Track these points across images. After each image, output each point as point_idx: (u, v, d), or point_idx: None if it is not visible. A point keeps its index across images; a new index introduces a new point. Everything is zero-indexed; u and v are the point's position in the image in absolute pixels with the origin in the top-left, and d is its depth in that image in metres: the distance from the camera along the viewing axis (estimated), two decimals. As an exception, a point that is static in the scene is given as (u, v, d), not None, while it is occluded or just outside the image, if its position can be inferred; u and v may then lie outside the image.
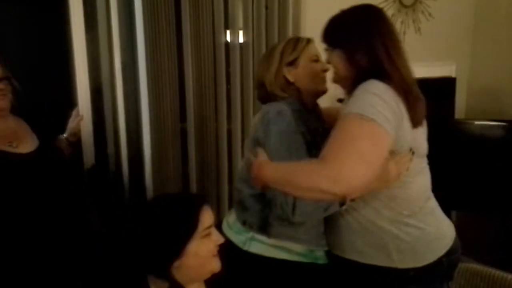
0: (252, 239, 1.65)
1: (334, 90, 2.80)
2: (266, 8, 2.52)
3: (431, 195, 1.56)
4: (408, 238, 1.45)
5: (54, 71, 2.18)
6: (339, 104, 1.97)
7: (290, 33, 2.58)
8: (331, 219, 1.57)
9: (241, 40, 2.49)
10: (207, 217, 1.30)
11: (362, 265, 1.50)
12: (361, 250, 1.50)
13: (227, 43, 2.44)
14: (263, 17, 2.50)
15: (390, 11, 2.91)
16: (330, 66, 1.69)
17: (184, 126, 2.36)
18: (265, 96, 1.76)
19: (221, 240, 1.33)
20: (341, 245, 1.56)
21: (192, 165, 2.39)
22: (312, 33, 2.65)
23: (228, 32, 2.43)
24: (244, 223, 1.68)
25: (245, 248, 1.65)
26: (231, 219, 1.74)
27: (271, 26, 2.53)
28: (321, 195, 1.29)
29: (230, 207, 2.48)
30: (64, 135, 2.06)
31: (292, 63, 1.73)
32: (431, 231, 1.49)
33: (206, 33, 2.29)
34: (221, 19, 2.35)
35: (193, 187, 2.42)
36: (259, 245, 1.64)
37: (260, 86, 1.77)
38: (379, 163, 1.29)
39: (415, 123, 1.40)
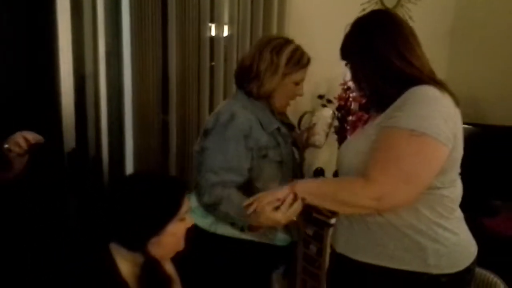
0: (218, 221, 1.74)
1: (315, 88, 2.88)
2: (252, 1, 2.55)
3: None
4: (446, 243, 1.39)
5: (37, 56, 2.16)
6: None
7: (274, 27, 2.62)
8: (352, 221, 1.50)
9: (225, 33, 2.51)
10: (186, 202, 1.40)
11: (389, 270, 1.42)
12: (392, 255, 1.41)
13: (211, 37, 2.45)
14: (249, 10, 2.52)
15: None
16: (302, 94, 1.86)
17: (166, 118, 2.37)
18: (245, 78, 1.80)
19: (192, 223, 1.44)
20: (365, 249, 1.46)
21: (172, 157, 2.41)
22: (296, 27, 2.71)
23: (213, 25, 2.44)
24: (206, 207, 1.73)
25: (212, 230, 1.75)
26: (192, 204, 1.74)
27: (256, 20, 2.56)
28: (363, 210, 1.38)
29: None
30: (6, 145, 1.62)
31: (284, 75, 1.78)
32: (464, 237, 1.46)
33: (192, 26, 2.31)
34: (207, 12, 2.36)
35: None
36: (225, 227, 1.73)
37: (248, 69, 1.79)
38: (427, 179, 1.32)
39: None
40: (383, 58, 1.41)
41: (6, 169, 1.63)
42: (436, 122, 1.29)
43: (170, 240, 1.37)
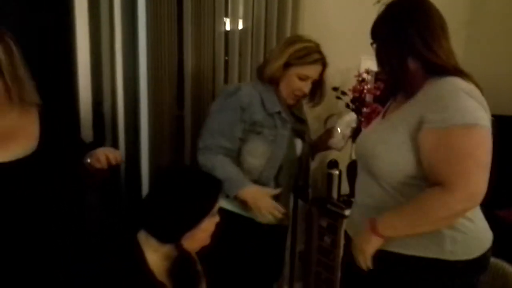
0: None
1: (330, 80, 2.88)
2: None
3: None
4: (463, 229, 1.41)
5: (55, 53, 2.20)
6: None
7: (289, 20, 2.61)
8: (369, 211, 1.52)
9: (240, 28, 2.51)
10: (219, 200, 1.47)
11: (405, 257, 1.44)
12: (409, 242, 1.43)
13: (226, 31, 2.45)
14: (263, 4, 2.52)
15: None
16: (307, 90, 1.95)
17: (181, 114, 2.40)
18: (260, 70, 2.02)
19: (218, 219, 1.49)
20: None
21: (187, 152, 2.43)
22: (310, 20, 2.71)
23: (228, 20, 2.44)
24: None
25: None
26: None
27: (270, 14, 2.55)
28: (458, 217, 1.37)
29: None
30: (87, 160, 1.61)
31: (286, 66, 1.92)
32: (480, 224, 1.48)
33: (207, 21, 2.32)
34: (221, 7, 2.37)
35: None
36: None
37: (265, 62, 2.02)
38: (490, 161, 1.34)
39: None
40: (409, 46, 1.44)
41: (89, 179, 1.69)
42: (481, 113, 1.34)
43: (202, 235, 1.43)
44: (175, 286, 1.43)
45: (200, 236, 1.43)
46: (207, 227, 1.44)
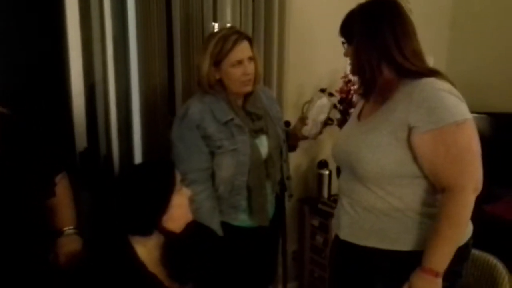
0: None
1: (317, 82, 2.94)
2: (253, 0, 2.60)
3: None
4: None
5: (49, 61, 2.23)
6: (321, 95, 2.07)
7: (276, 23, 2.66)
8: (357, 211, 1.56)
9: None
10: (177, 175, 1.49)
11: (391, 253, 1.49)
12: (395, 238, 1.48)
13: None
14: (250, 8, 2.56)
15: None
16: (252, 69, 1.86)
17: (173, 119, 2.41)
18: (198, 82, 1.96)
19: (189, 192, 1.52)
20: (369, 235, 1.53)
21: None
22: (297, 23, 2.76)
23: (216, 25, 2.48)
24: None
25: None
26: None
27: (258, 17, 2.60)
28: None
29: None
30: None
31: (217, 65, 1.87)
32: None
33: (195, 26, 2.35)
34: (209, 12, 2.41)
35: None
36: None
37: (197, 73, 1.97)
38: None
39: None
40: (385, 51, 1.46)
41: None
42: (464, 107, 1.40)
43: (179, 212, 1.45)
44: (169, 272, 1.46)
45: (177, 213, 1.45)
46: (180, 202, 1.45)
